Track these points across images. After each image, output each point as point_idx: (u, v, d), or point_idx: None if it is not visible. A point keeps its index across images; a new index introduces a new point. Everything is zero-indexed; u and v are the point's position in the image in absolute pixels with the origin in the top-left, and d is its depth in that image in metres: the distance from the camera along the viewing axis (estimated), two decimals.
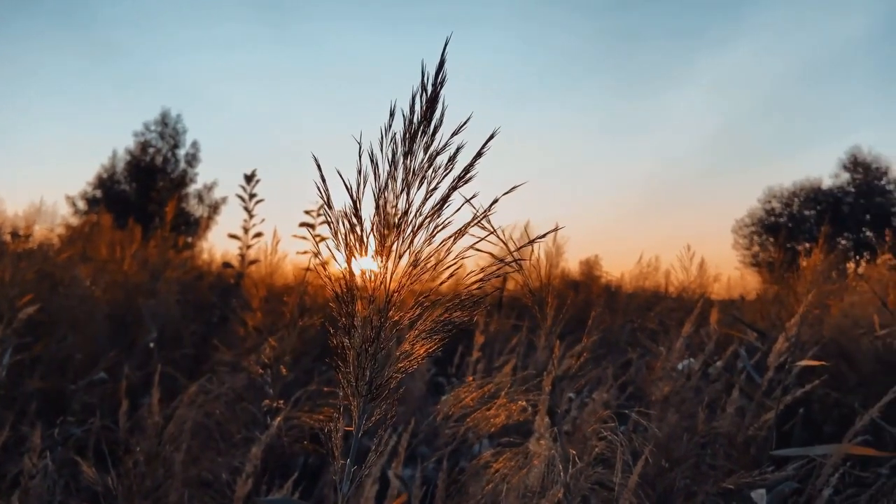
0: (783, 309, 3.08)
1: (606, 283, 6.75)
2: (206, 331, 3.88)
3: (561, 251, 4.85)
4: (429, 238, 0.67)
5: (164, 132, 26.60)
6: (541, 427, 1.44)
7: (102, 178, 25.63)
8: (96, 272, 3.86)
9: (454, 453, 2.34)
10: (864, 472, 2.08)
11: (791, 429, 2.53)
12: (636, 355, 3.15)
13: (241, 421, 1.96)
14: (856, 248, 21.54)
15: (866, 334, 3.08)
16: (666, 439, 2.03)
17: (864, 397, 2.71)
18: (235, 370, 2.41)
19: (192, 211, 25.68)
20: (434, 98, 0.65)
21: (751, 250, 24.70)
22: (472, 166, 0.66)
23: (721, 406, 2.28)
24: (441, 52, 0.63)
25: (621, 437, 1.18)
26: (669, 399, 2.30)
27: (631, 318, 4.32)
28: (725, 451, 2.17)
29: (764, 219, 24.96)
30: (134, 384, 2.74)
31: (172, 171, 26.49)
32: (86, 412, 2.49)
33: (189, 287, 4.50)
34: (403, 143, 0.65)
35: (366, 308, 0.66)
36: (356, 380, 0.66)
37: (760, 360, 2.60)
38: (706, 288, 4.94)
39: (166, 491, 1.56)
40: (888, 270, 4.38)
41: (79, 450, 2.09)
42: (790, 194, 24.97)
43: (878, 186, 23.48)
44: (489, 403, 1.39)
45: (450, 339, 0.69)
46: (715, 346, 2.69)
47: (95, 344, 3.09)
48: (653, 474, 1.95)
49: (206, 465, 1.75)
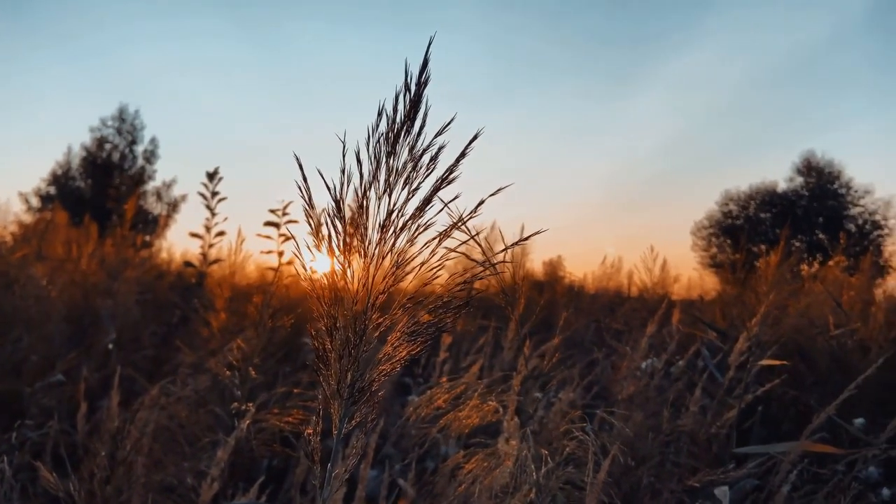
0: (744, 309, 3.15)
1: (570, 284, 6.82)
2: (166, 332, 3.80)
3: (526, 252, 4.89)
4: (411, 239, 0.66)
5: (121, 128, 25.97)
6: (510, 427, 1.44)
7: (57, 174, 24.91)
8: (52, 271, 3.75)
9: (422, 455, 2.33)
10: (822, 468, 2.13)
11: (751, 426, 2.58)
12: (601, 355, 3.19)
13: (205, 424, 1.93)
14: (809, 250, 22.16)
15: (822, 334, 3.17)
16: (632, 438, 2.06)
17: (820, 395, 2.79)
18: (198, 372, 2.36)
19: (150, 209, 25.13)
20: (417, 98, 0.64)
21: (709, 252, 25.22)
22: (456, 167, 0.66)
23: (684, 405, 2.32)
24: (425, 52, 0.63)
25: (591, 436, 1.19)
26: (634, 398, 2.34)
27: (595, 318, 4.37)
28: (689, 449, 2.21)
29: (722, 221, 25.51)
30: (92, 386, 2.67)
31: (130, 167, 25.89)
32: (43, 415, 2.41)
33: (149, 287, 4.41)
34: (387, 143, 0.65)
35: (348, 310, 0.65)
36: (337, 383, 0.65)
37: (722, 360, 2.65)
38: (667, 288, 5.04)
39: (129, 496, 1.52)
40: (841, 272, 4.52)
41: (36, 454, 2.02)
42: (747, 197, 25.57)
43: (831, 190, 24.19)
44: (460, 405, 1.39)
45: (435, 333, 0.69)
46: (677, 345, 2.74)
47: (52, 345, 3.00)
48: (619, 473, 1.97)
49: (169, 470, 1.71)
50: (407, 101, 0.64)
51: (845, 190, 24.30)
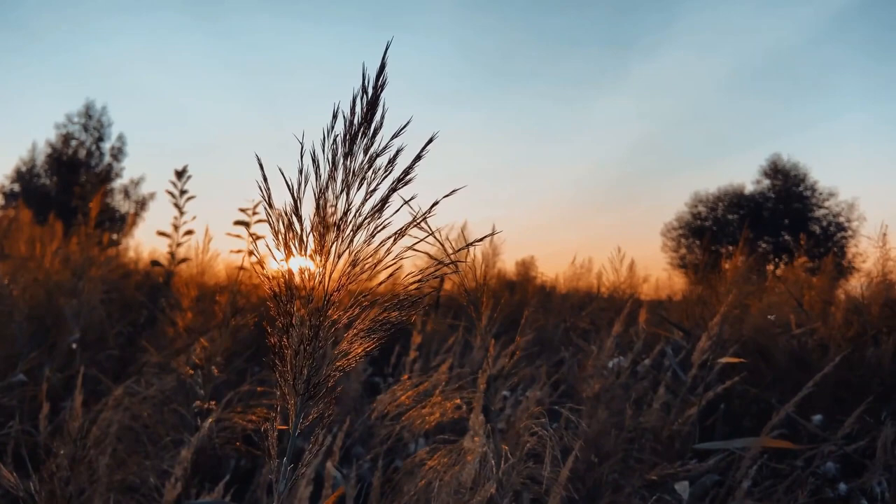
0: (706, 309, 3.21)
1: (542, 284, 6.87)
2: (132, 331, 3.76)
3: (497, 251, 4.93)
4: (368, 238, 0.68)
5: (87, 124, 25.53)
6: (475, 424, 1.46)
7: (21, 171, 24.41)
8: (15, 270, 3.68)
9: (389, 452, 2.34)
10: (781, 464, 2.19)
11: (713, 423, 2.64)
12: (569, 354, 3.22)
13: (169, 423, 1.91)
14: (775, 251, 22.60)
15: (783, 333, 3.24)
16: (595, 435, 2.09)
17: (780, 393, 2.86)
18: (164, 371, 2.34)
19: (117, 207, 24.75)
20: (374, 101, 0.65)
21: (678, 252, 25.60)
22: (412, 168, 0.67)
23: (648, 402, 2.36)
24: (382, 56, 0.64)
25: (551, 432, 1.21)
26: (600, 396, 2.37)
27: (564, 317, 4.41)
28: (651, 445, 2.25)
29: (691, 222, 25.91)
30: (55, 386, 2.63)
31: (97, 164, 25.48)
32: (3, 416, 2.37)
33: (114, 286, 4.34)
34: (344, 144, 0.66)
35: (304, 307, 0.66)
36: (293, 378, 0.66)
37: (685, 358, 2.70)
38: (636, 288, 5.11)
39: (90, 496, 1.50)
40: (804, 273, 4.62)
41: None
42: (715, 199, 26.00)
43: (796, 192, 24.72)
44: (424, 401, 1.41)
45: (387, 339, 0.70)
46: (643, 344, 2.78)
47: (14, 345, 2.95)
48: (583, 469, 2.01)
49: (132, 469, 1.70)
50: (364, 103, 0.66)
51: (810, 192, 24.85)
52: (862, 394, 2.39)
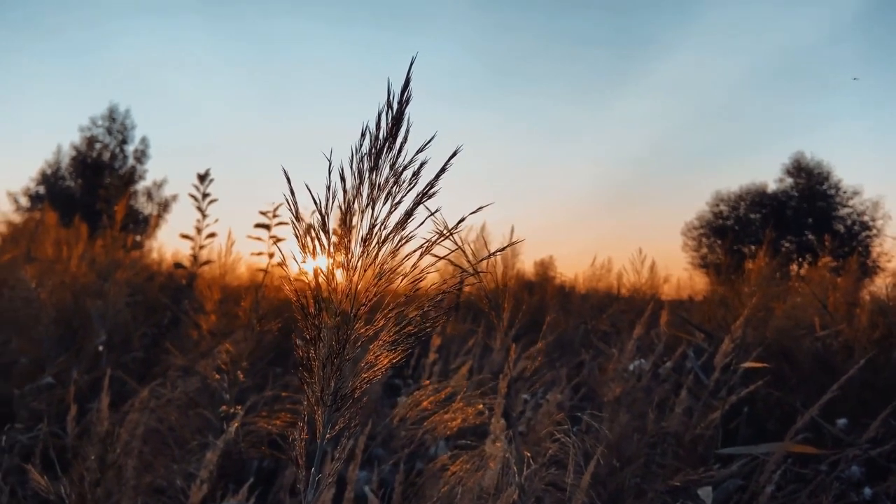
0: (729, 311, 3.18)
1: (561, 284, 6.85)
2: (156, 333, 3.80)
3: (516, 252, 4.92)
4: (393, 251, 0.69)
5: (111, 127, 25.87)
6: (497, 429, 1.46)
7: (46, 174, 24.79)
8: (42, 273, 3.74)
9: (411, 456, 2.35)
10: (805, 468, 2.16)
11: (736, 427, 2.62)
12: (589, 356, 3.21)
13: (195, 426, 1.94)
14: (798, 250, 22.30)
15: (807, 335, 3.20)
16: (617, 439, 2.09)
17: (804, 396, 2.83)
18: (188, 374, 2.37)
19: (140, 209, 25.07)
20: (399, 116, 0.66)
21: (699, 252, 25.35)
22: (436, 181, 0.68)
23: (670, 406, 2.34)
24: (406, 71, 0.65)
25: (574, 439, 1.21)
26: (621, 399, 2.36)
27: (584, 319, 4.40)
28: (674, 450, 2.24)
29: (712, 221, 25.65)
30: (82, 389, 2.67)
31: (120, 167, 25.81)
32: (33, 418, 2.42)
33: (139, 288, 4.40)
34: (370, 159, 0.67)
35: (332, 320, 0.67)
36: (321, 390, 0.67)
37: (708, 361, 2.68)
38: (657, 289, 5.07)
39: (119, 499, 1.53)
40: (828, 273, 4.56)
41: (25, 457, 2.03)
42: (737, 198, 25.72)
43: (820, 191, 24.38)
44: (446, 406, 1.41)
45: (416, 342, 0.71)
46: (665, 347, 2.77)
47: (42, 348, 3.00)
48: (604, 474, 2.00)
49: (159, 472, 1.73)
50: (389, 118, 0.66)
51: (834, 191, 24.50)
52: (887, 397, 2.35)
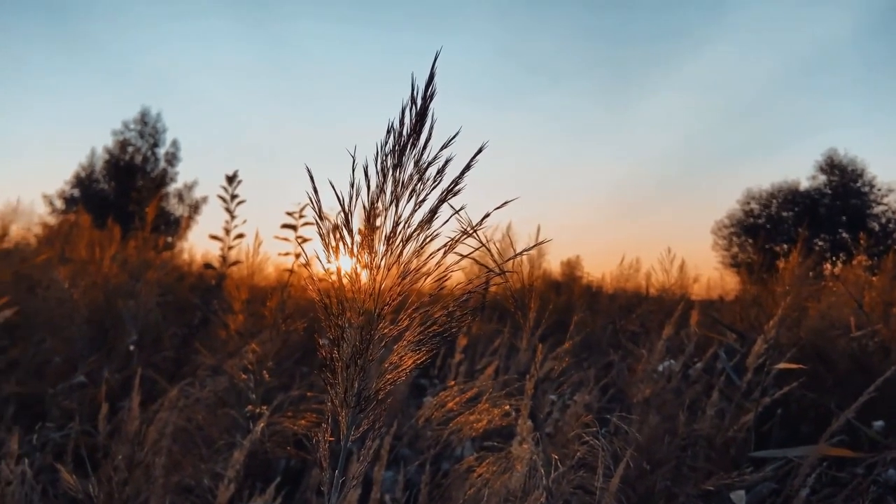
0: (761, 311, 3.12)
1: (588, 284, 6.79)
2: (187, 333, 3.84)
3: (542, 252, 4.89)
4: (418, 249, 0.67)
5: (143, 131, 26.32)
6: (523, 431, 1.45)
7: (80, 176, 25.30)
8: (75, 274, 3.81)
9: (437, 456, 2.34)
10: (841, 472, 2.11)
11: (770, 430, 2.56)
12: (617, 357, 3.17)
13: (222, 425, 1.95)
14: (832, 249, 21.85)
15: (842, 335, 3.13)
16: (647, 441, 2.05)
17: (839, 398, 2.76)
18: (217, 373, 2.39)
19: (172, 210, 25.46)
20: (423, 112, 0.65)
21: (730, 251, 24.97)
22: (461, 178, 0.67)
23: (701, 408, 2.30)
24: (430, 67, 0.64)
25: (602, 441, 1.19)
26: (651, 401, 2.33)
27: (612, 319, 4.35)
28: (705, 452, 2.20)
29: (743, 220, 25.24)
30: (114, 388, 2.71)
31: (152, 170, 26.24)
32: (65, 417, 2.45)
33: (170, 288, 4.46)
34: (393, 156, 0.66)
35: (355, 320, 0.66)
36: (345, 391, 0.66)
37: (740, 362, 2.63)
38: (686, 289, 5.00)
39: (147, 497, 1.54)
40: (863, 272, 4.45)
41: (57, 455, 2.06)
42: (769, 196, 25.27)
43: (854, 188, 23.85)
44: (472, 407, 1.40)
45: (441, 342, 0.70)
46: (695, 347, 2.72)
47: (74, 347, 3.05)
48: (634, 476, 1.97)
49: (187, 471, 1.74)
50: (413, 114, 0.65)
51: (868, 188, 23.94)
52: None
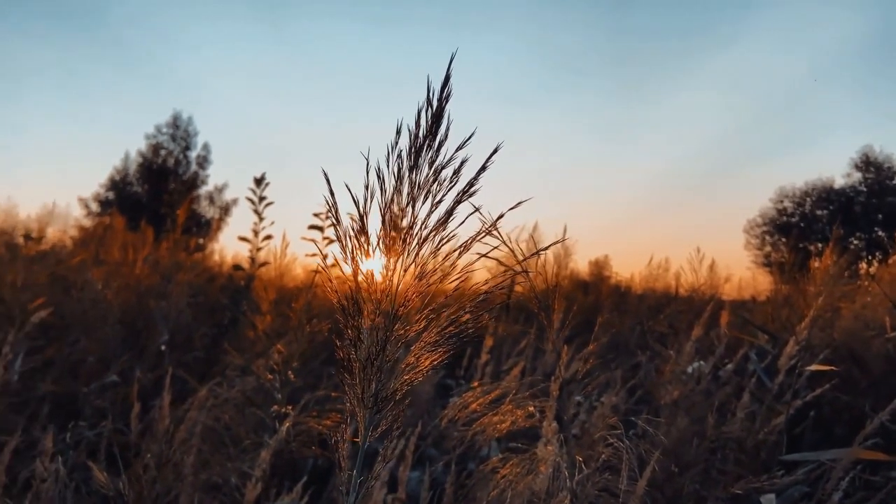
0: (793, 311, 3.06)
1: (616, 284, 6.74)
2: (217, 333, 3.90)
3: (569, 252, 4.86)
4: (434, 251, 0.68)
5: (175, 134, 26.80)
6: (548, 432, 1.44)
7: (115, 179, 25.85)
8: (108, 275, 3.89)
9: (463, 456, 2.34)
10: (875, 475, 2.06)
11: (802, 432, 2.51)
12: (645, 358, 3.14)
13: (250, 425, 1.98)
14: (868, 248, 21.36)
15: (877, 336, 3.05)
16: (675, 444, 2.03)
17: (874, 400, 2.69)
18: (245, 374, 2.42)
19: (203, 212, 25.87)
20: (439, 113, 0.65)
21: (763, 250, 24.55)
22: (476, 180, 0.67)
23: (731, 410, 2.27)
24: (446, 68, 0.64)
25: (627, 443, 1.18)
26: (679, 403, 2.30)
27: (640, 320, 4.31)
28: (735, 455, 2.17)
29: (776, 219, 24.80)
30: (145, 387, 2.76)
31: (184, 172, 26.70)
32: (97, 415, 2.51)
33: (200, 289, 4.53)
34: (409, 158, 0.66)
35: (372, 321, 0.67)
36: (362, 392, 0.66)
37: (771, 364, 2.59)
38: (717, 289, 4.93)
39: (177, 495, 1.57)
40: None
41: (91, 453, 2.11)
42: (802, 194, 24.79)
43: (890, 186, 23.29)
44: (495, 409, 1.40)
45: (457, 346, 0.70)
46: (725, 348, 2.68)
47: (107, 347, 3.11)
48: (661, 479, 1.95)
49: (215, 470, 1.76)
50: (429, 115, 0.65)
51: None
52: None
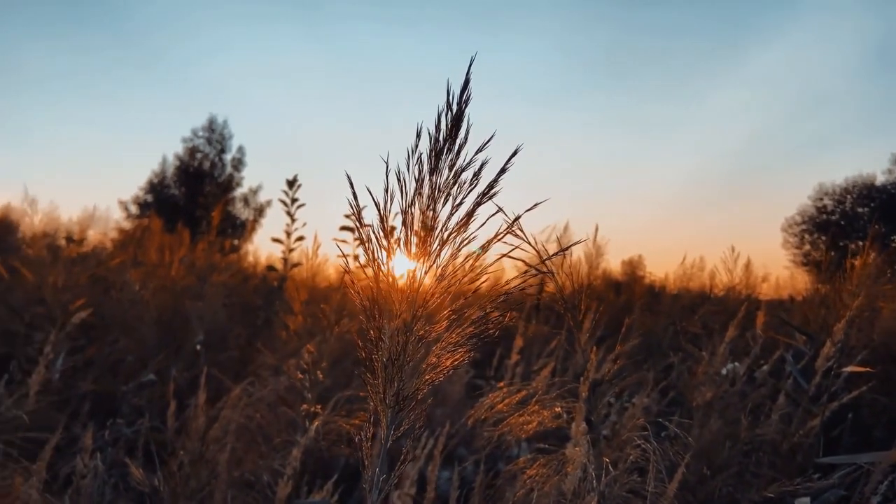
0: (830, 311, 3.00)
1: (650, 284, 6.66)
2: (251, 333, 3.96)
3: (601, 251, 4.81)
4: (455, 252, 0.68)
5: (211, 138, 27.26)
6: (577, 433, 1.44)
7: (153, 182, 26.37)
8: (146, 276, 3.98)
9: (492, 456, 2.34)
10: None
11: (839, 435, 2.46)
12: (678, 359, 3.11)
13: (282, 424, 2.01)
14: None
15: None
16: (707, 446, 2.00)
17: None
18: (278, 373, 2.46)
19: (238, 214, 26.25)
20: (459, 116, 0.66)
21: (802, 249, 24.00)
22: (497, 182, 0.67)
23: (766, 412, 2.23)
24: (466, 72, 0.65)
25: (655, 445, 1.17)
26: (712, 404, 2.27)
27: (673, 320, 4.25)
28: (770, 458, 2.13)
29: (815, 216, 24.20)
30: (181, 386, 2.82)
31: (219, 175, 27.14)
32: (135, 413, 2.57)
33: (235, 290, 4.60)
34: (429, 161, 0.67)
35: (393, 321, 0.68)
36: (383, 391, 0.67)
37: (808, 365, 2.53)
38: (753, 289, 4.85)
39: (211, 492, 1.60)
40: None
41: (129, 450, 2.16)
42: (843, 191, 24.15)
43: None
44: (522, 409, 1.40)
45: (488, 343, 0.70)
46: (761, 349, 2.64)
47: (145, 346, 3.18)
48: (694, 482, 1.92)
49: (248, 467, 1.80)
50: (449, 119, 0.66)
51: None
52: None
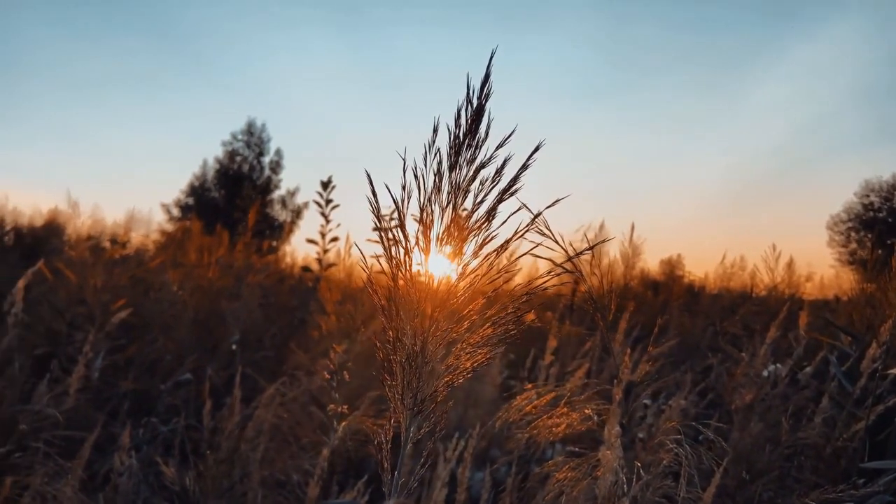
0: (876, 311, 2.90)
1: (689, 284, 6.54)
2: (286, 333, 3.99)
3: (638, 251, 4.74)
4: (476, 251, 0.67)
5: (249, 141, 27.71)
6: (610, 436, 1.41)
7: (194, 185, 26.92)
8: (184, 277, 4.05)
9: (525, 457, 2.32)
10: None
11: (885, 439, 2.37)
12: (717, 360, 3.04)
13: (314, 424, 2.01)
14: None
15: None
16: (747, 449, 1.95)
17: None
18: (311, 373, 2.47)
19: (276, 216, 26.63)
20: (479, 111, 0.64)
21: (847, 247, 23.35)
22: (518, 178, 0.65)
23: (808, 415, 2.16)
24: (486, 66, 0.63)
25: (688, 449, 1.14)
26: (753, 407, 2.21)
27: (713, 320, 4.16)
28: (812, 463, 2.06)
29: (862, 214, 23.53)
30: (217, 385, 2.85)
31: (258, 178, 27.57)
32: (171, 412, 2.61)
33: (271, 290, 4.65)
34: (449, 157, 0.66)
35: (412, 321, 0.67)
36: (402, 393, 0.66)
37: (853, 367, 2.45)
38: (797, 288, 4.72)
39: (243, 490, 1.61)
40: None
41: (166, 448, 2.20)
42: (890, 187, 23.44)
43: None
44: (551, 412, 1.38)
45: (522, 343, 0.69)
46: (804, 350, 2.56)
47: (182, 346, 3.23)
48: (733, 486, 1.87)
49: (279, 466, 1.81)
50: (468, 114, 0.65)
51: None
52: None
